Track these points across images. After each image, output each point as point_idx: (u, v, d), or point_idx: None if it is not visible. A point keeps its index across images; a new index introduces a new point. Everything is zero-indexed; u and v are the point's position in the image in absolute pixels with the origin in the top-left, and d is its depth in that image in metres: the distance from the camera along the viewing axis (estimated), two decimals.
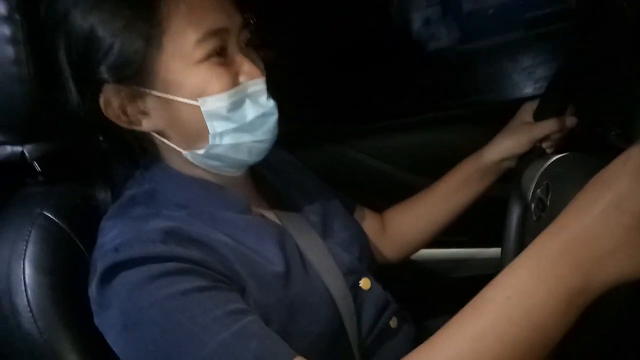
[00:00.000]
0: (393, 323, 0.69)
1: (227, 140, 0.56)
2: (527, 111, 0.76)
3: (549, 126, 0.72)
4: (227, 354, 0.46)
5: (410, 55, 1.32)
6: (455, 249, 1.08)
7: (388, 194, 0.89)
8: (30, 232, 0.56)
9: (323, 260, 0.64)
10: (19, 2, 0.53)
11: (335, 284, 0.62)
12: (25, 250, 0.55)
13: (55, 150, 0.60)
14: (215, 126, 0.55)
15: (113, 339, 0.52)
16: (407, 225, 0.85)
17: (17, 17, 0.53)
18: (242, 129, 0.56)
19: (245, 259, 0.56)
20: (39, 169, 0.62)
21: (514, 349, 0.38)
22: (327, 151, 1.08)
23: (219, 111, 0.54)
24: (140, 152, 0.60)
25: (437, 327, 0.41)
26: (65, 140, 0.61)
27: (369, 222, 0.84)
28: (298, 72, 1.06)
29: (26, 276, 0.54)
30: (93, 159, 0.62)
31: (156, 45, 0.52)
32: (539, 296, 0.37)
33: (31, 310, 0.52)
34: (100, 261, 0.51)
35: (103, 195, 0.62)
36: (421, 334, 0.70)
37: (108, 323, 0.52)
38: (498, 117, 0.81)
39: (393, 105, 1.13)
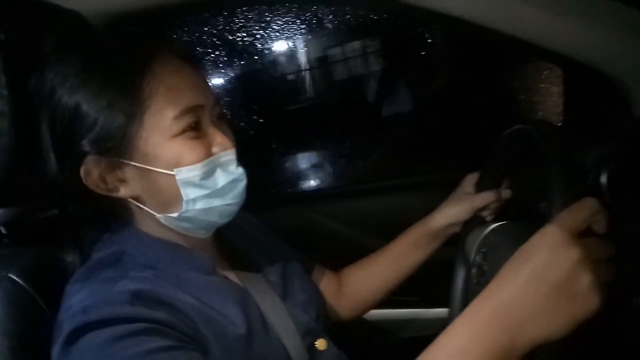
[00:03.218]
0: None
1: (199, 205, 0.61)
2: (469, 182, 0.84)
3: (487, 197, 0.81)
4: None
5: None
6: (405, 309, 1.13)
7: (344, 254, 0.94)
8: None
9: (282, 321, 0.67)
10: (7, 79, 0.57)
11: (294, 345, 0.66)
12: None
13: (24, 214, 0.63)
14: (188, 193, 0.60)
15: None
16: (362, 284, 0.90)
17: (5, 92, 0.58)
18: (213, 194, 0.61)
19: (209, 319, 0.59)
20: (4, 231, 0.65)
21: None
22: (288, 213, 1.13)
23: (192, 179, 0.59)
24: (112, 216, 0.64)
25: None
26: (34, 205, 0.64)
27: (326, 281, 0.88)
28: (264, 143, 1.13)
29: None
30: (64, 223, 0.64)
31: (137, 121, 0.57)
32: (475, 354, 0.43)
33: None
34: (68, 322, 0.53)
35: (71, 257, 0.64)
36: None
37: None
38: (443, 186, 0.89)
39: (350, 173, 1.20)
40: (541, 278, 0.43)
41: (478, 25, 0.84)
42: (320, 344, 0.71)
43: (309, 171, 1.18)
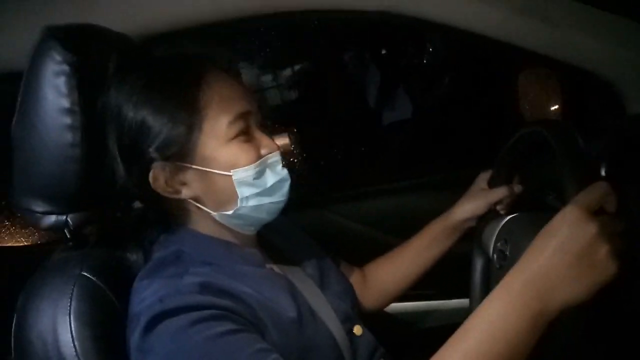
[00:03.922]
0: None
1: (252, 202, 0.68)
2: (483, 180, 0.92)
3: (501, 192, 0.88)
4: None
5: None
6: (422, 301, 1.20)
7: (363, 252, 1.00)
8: (73, 290, 0.63)
9: (324, 308, 0.74)
10: (79, 97, 0.64)
11: (337, 330, 0.73)
12: (70, 306, 0.62)
13: (93, 218, 0.69)
14: (243, 191, 0.67)
15: None
16: (387, 277, 0.96)
17: (77, 108, 0.64)
18: (264, 193, 0.68)
19: (265, 306, 0.65)
20: (69, 235, 0.71)
21: None
22: (308, 215, 1.20)
23: (246, 179, 0.66)
24: (171, 218, 0.71)
25: None
26: (102, 209, 0.70)
27: (352, 275, 0.95)
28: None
29: (73, 329, 0.61)
30: (127, 225, 0.71)
31: (196, 129, 0.64)
32: (512, 319, 0.50)
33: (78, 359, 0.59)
34: (145, 312, 0.59)
35: (135, 257, 0.71)
36: None
37: None
38: (455, 184, 0.96)
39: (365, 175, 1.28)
40: (565, 250, 0.50)
41: (480, 35, 0.93)
42: (357, 329, 0.78)
43: (327, 175, 1.26)
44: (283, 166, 0.70)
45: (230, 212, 0.68)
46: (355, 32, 1.65)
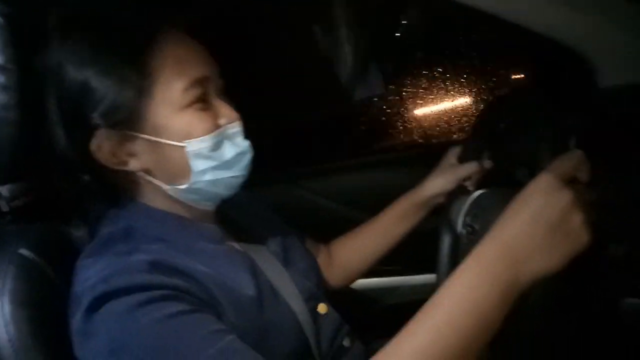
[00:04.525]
0: (346, 342, 0.76)
1: (208, 176, 0.63)
2: (453, 155, 0.90)
3: (471, 167, 0.86)
4: None
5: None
6: (388, 277, 1.19)
7: (332, 228, 0.98)
8: (7, 269, 0.58)
9: (287, 286, 0.71)
10: (15, 54, 0.57)
11: (300, 309, 0.69)
12: (3, 286, 0.57)
13: (30, 190, 0.63)
14: (198, 165, 0.62)
15: None
16: (353, 254, 0.94)
17: (11, 66, 0.58)
18: (221, 166, 0.63)
19: (222, 285, 0.61)
20: (4, 209, 0.65)
21: (466, 335, 0.47)
22: (276, 190, 1.16)
23: (202, 151, 0.61)
24: (119, 191, 0.65)
25: (380, 346, 0.49)
26: (40, 181, 0.64)
27: (318, 253, 0.92)
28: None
29: (6, 312, 0.55)
30: (70, 198, 0.65)
31: (146, 94, 0.59)
32: (483, 290, 0.47)
33: (12, 345, 0.54)
34: (88, 293, 0.55)
35: (79, 233, 0.65)
36: (368, 353, 0.79)
37: (94, 351, 0.54)
38: (424, 160, 0.94)
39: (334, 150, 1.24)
40: (539, 218, 0.48)
41: (458, 4, 0.89)
42: (321, 307, 0.75)
43: (295, 150, 1.22)
44: (244, 138, 0.65)
45: (183, 187, 0.63)
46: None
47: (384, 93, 1.77)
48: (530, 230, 0.48)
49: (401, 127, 1.33)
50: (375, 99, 1.46)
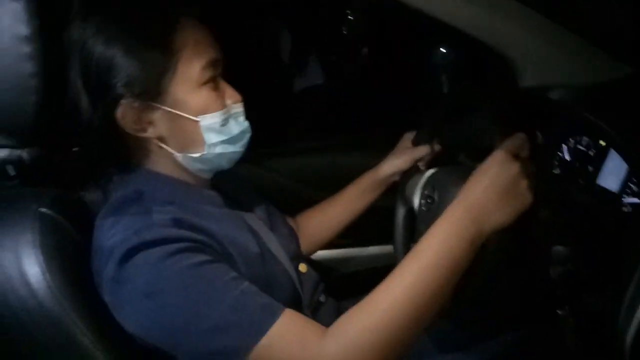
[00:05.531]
0: (322, 298, 0.88)
1: (218, 149, 0.71)
2: (408, 139, 1.04)
3: (424, 149, 1.01)
4: (240, 306, 0.60)
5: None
6: (343, 249, 1.32)
7: (292, 207, 1.07)
8: (33, 224, 0.62)
9: (277, 247, 0.80)
10: (40, 25, 0.61)
11: (288, 267, 0.79)
12: (34, 240, 0.61)
13: (49, 154, 0.67)
14: (211, 137, 0.69)
15: (131, 309, 0.61)
16: (318, 226, 1.05)
17: (36, 37, 0.61)
18: (229, 141, 0.72)
19: (232, 241, 0.69)
20: (12, 173, 0.68)
21: (441, 275, 0.60)
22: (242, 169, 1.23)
23: (214, 126, 0.69)
24: (131, 156, 0.71)
25: (349, 304, 0.61)
26: (59, 145, 0.68)
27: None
28: None
29: (41, 261, 0.60)
30: (87, 163, 0.69)
31: (170, 70, 0.65)
32: (454, 240, 0.61)
33: (52, 290, 0.59)
34: (121, 245, 0.61)
35: (91, 195, 0.70)
36: (339, 307, 0.91)
37: (126, 296, 0.61)
38: (379, 144, 1.07)
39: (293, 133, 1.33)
40: (495, 183, 0.63)
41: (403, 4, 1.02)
42: (302, 267, 0.86)
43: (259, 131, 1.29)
44: (245, 118, 0.74)
45: (196, 155, 0.70)
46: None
47: (323, 83, 1.90)
48: (489, 193, 0.63)
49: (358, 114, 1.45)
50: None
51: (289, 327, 0.60)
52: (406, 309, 0.58)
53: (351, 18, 1.65)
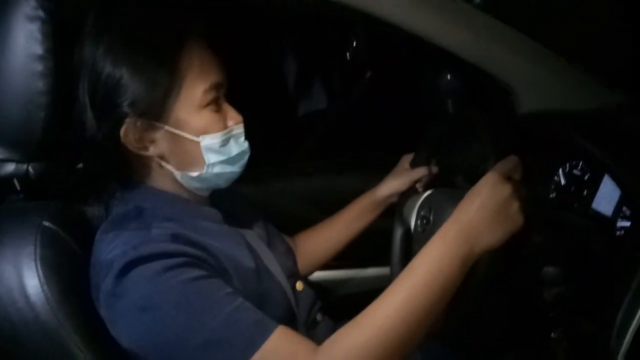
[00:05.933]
0: (319, 317, 0.88)
1: (216, 169, 0.73)
2: (406, 161, 1.06)
3: (421, 171, 1.02)
4: (234, 321, 0.61)
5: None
6: (343, 270, 1.33)
7: (291, 226, 1.07)
8: (36, 238, 0.63)
9: (274, 264, 0.81)
10: (53, 45, 0.64)
11: (285, 284, 0.80)
12: (36, 252, 0.62)
13: (54, 169, 0.69)
14: (210, 157, 0.71)
15: (126, 323, 0.62)
16: (315, 246, 1.06)
17: (49, 56, 0.64)
18: (228, 161, 0.73)
19: (228, 257, 0.71)
20: (18, 187, 0.70)
21: (433, 293, 0.61)
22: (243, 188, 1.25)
23: (213, 146, 0.71)
24: (132, 173, 0.73)
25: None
26: (64, 160, 0.70)
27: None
28: None
29: (40, 274, 0.61)
30: (90, 179, 0.71)
31: (174, 91, 0.67)
32: (447, 259, 0.62)
33: (49, 302, 0.60)
34: (120, 258, 0.62)
35: (94, 211, 0.72)
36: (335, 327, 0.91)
37: (122, 309, 0.62)
38: (376, 167, 1.09)
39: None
40: (487, 206, 0.64)
41: (407, 32, 1.05)
42: (299, 285, 0.86)
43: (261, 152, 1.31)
44: (245, 139, 0.76)
45: (194, 174, 0.72)
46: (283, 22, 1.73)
47: (327, 107, 1.93)
48: (481, 214, 0.64)
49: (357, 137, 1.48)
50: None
51: (281, 343, 0.60)
52: (397, 327, 0.59)
53: (355, 44, 1.69)
